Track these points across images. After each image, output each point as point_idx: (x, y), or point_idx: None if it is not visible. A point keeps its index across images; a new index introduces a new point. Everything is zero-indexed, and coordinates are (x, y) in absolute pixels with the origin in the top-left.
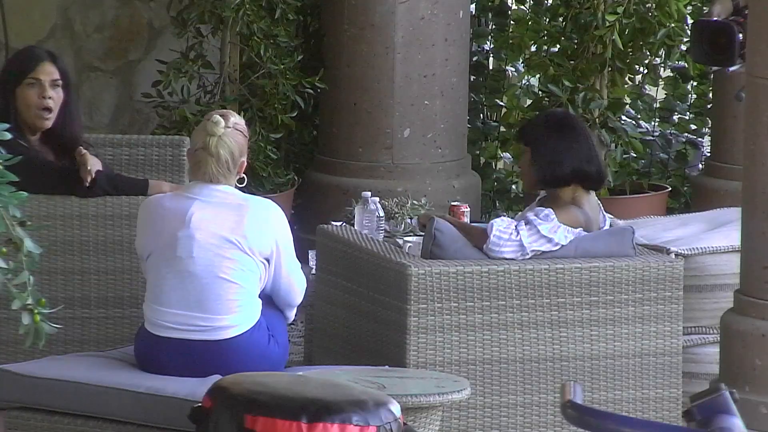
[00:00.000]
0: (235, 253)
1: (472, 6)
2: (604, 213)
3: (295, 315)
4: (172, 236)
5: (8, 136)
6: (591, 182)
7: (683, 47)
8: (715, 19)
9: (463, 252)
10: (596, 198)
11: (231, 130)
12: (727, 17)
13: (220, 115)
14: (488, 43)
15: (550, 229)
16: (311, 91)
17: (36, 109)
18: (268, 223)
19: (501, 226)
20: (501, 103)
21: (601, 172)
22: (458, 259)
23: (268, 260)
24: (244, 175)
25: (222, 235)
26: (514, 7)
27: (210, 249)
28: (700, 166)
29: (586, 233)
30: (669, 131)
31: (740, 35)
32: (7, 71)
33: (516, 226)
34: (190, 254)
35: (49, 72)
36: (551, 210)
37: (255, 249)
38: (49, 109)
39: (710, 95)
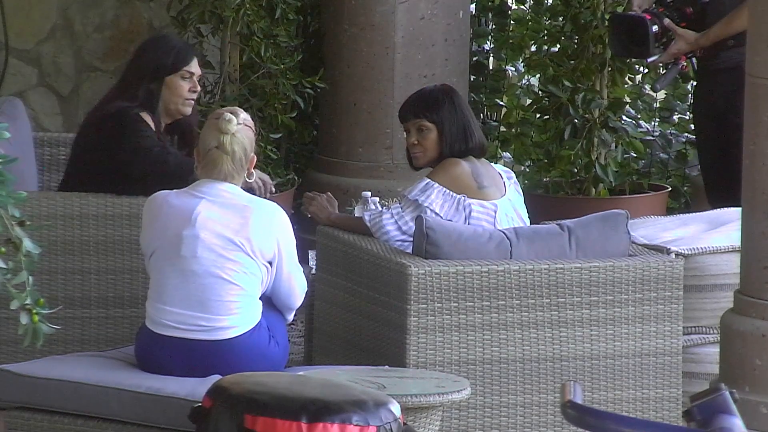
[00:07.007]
0: (238, 255)
1: (472, 6)
2: (504, 175)
3: (295, 315)
4: (176, 235)
5: (7, 135)
6: (484, 149)
7: None
8: (630, 13)
9: (459, 245)
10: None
11: (242, 126)
12: (649, 8)
13: (230, 113)
14: (488, 43)
15: (418, 192)
16: (311, 91)
17: (184, 99)
18: (271, 225)
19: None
20: (501, 103)
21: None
22: (457, 254)
23: (270, 263)
24: (252, 170)
25: (226, 236)
26: (514, 7)
27: (214, 249)
28: None
29: (485, 202)
30: (669, 131)
31: (655, 27)
32: (163, 58)
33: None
34: (194, 254)
35: (198, 68)
36: (426, 179)
37: (258, 252)
38: (194, 101)
39: None
